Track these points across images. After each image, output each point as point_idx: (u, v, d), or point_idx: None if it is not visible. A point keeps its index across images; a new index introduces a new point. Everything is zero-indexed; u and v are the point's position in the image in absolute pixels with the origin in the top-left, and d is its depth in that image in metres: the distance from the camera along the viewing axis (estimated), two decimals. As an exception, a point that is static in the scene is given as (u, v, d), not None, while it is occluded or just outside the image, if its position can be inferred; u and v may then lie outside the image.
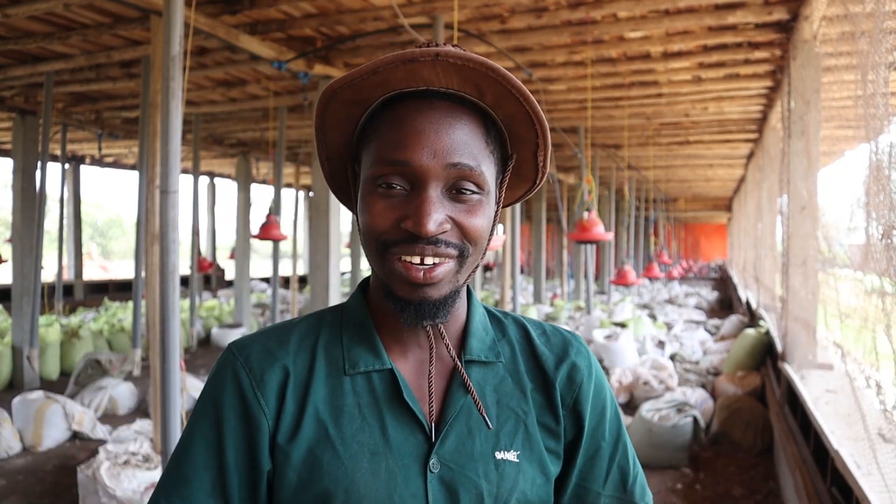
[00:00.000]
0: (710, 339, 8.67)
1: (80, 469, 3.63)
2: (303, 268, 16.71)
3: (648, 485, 0.89)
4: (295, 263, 10.29)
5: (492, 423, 0.77)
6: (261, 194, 36.27)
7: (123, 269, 23.78)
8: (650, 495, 0.88)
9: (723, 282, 20.86)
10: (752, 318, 8.60)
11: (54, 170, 17.38)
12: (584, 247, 9.92)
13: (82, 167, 12.15)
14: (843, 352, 3.10)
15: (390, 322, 0.78)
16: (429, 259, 0.70)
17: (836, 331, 3.54)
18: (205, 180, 14.42)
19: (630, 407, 5.86)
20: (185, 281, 10.98)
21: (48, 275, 9.53)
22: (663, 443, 4.49)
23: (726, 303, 15.23)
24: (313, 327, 0.81)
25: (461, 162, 0.69)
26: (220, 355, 0.79)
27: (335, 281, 5.32)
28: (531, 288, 14.15)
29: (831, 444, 2.77)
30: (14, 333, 6.69)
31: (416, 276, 0.70)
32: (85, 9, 4.47)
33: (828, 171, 4.37)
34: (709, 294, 17.05)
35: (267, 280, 16.55)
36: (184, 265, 7.93)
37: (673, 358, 7.31)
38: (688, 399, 5.37)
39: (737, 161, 11.26)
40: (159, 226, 2.60)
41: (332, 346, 0.78)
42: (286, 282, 15.09)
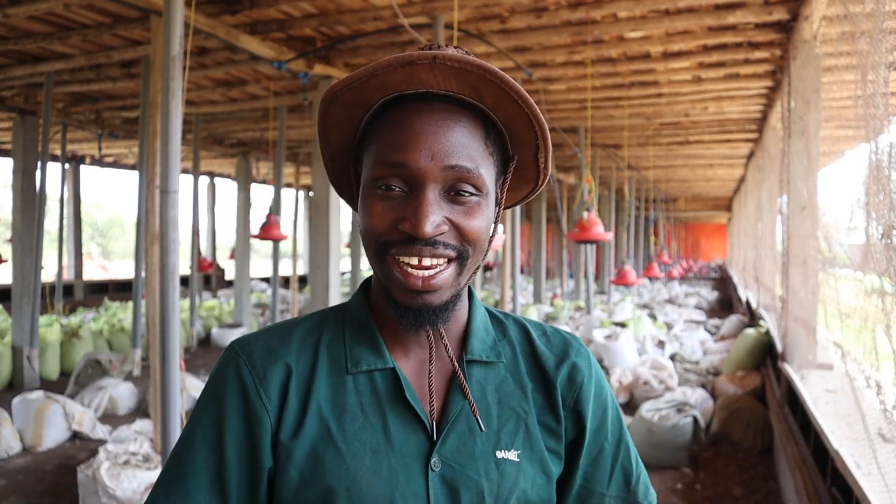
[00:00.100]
0: (710, 339, 8.66)
1: (80, 469, 3.63)
2: (303, 268, 16.71)
3: (650, 482, 0.89)
4: (295, 263, 10.29)
5: (493, 423, 0.78)
6: (261, 194, 36.26)
7: (123, 269, 23.77)
8: (654, 494, 0.88)
9: (723, 282, 20.86)
10: (752, 317, 8.60)
11: (54, 170, 17.38)
12: (584, 247, 9.91)
13: (82, 167, 12.15)
14: (843, 352, 3.10)
15: (392, 322, 0.78)
16: (426, 260, 0.70)
17: (836, 331, 3.54)
18: (205, 180, 14.42)
19: (630, 407, 5.86)
20: (185, 281, 10.98)
21: (48, 275, 9.52)
22: (663, 443, 4.49)
23: (726, 303, 15.23)
24: (316, 326, 0.81)
25: (459, 164, 0.70)
26: (223, 353, 0.79)
27: (335, 281, 5.32)
28: (531, 288, 14.15)
29: (831, 444, 2.77)
30: (14, 333, 6.69)
31: (415, 284, 0.70)
32: (85, 9, 4.48)
33: (828, 171, 4.37)
34: (709, 294, 17.04)
35: (267, 280, 16.55)
36: (184, 265, 7.93)
37: (673, 358, 7.31)
38: (688, 399, 5.37)
39: (737, 161, 11.26)
40: (159, 226, 2.60)
41: (335, 344, 0.79)
42: (286, 282, 15.09)
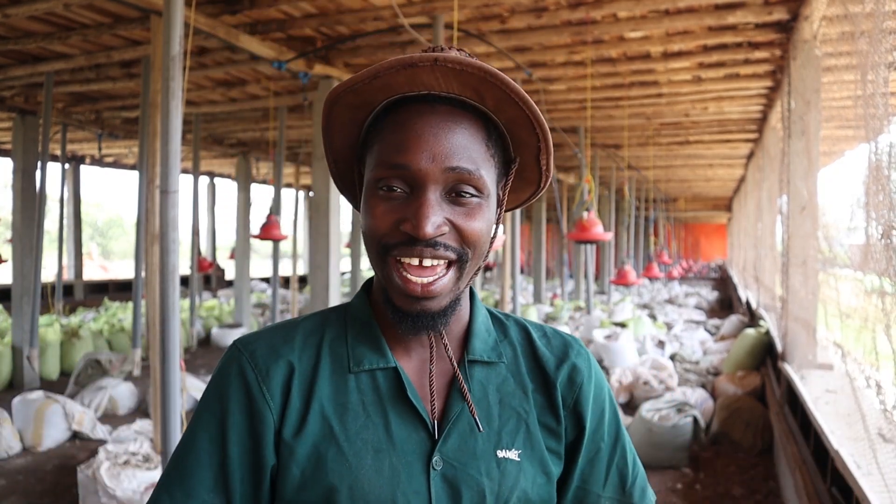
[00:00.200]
0: (710, 339, 8.66)
1: (80, 469, 3.63)
2: (303, 268, 16.71)
3: (648, 484, 0.89)
4: (295, 263, 10.29)
5: (494, 423, 0.78)
6: (261, 194, 36.24)
7: (123, 269, 23.76)
8: (651, 497, 0.88)
9: (723, 282, 20.86)
10: (752, 318, 8.59)
11: (54, 170, 17.37)
12: (584, 247, 9.91)
13: (82, 167, 12.15)
14: (843, 352, 3.10)
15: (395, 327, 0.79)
16: (427, 261, 0.70)
17: (836, 331, 3.54)
18: (205, 180, 14.42)
19: (630, 407, 5.86)
20: (185, 281, 10.98)
21: (48, 275, 9.52)
22: (663, 443, 4.49)
23: (726, 303, 15.22)
24: (318, 325, 0.81)
25: (459, 166, 0.70)
26: (226, 351, 0.80)
27: (335, 281, 5.32)
28: (531, 288, 14.15)
29: (831, 444, 2.77)
30: (14, 333, 6.69)
31: (414, 290, 0.70)
32: (85, 9, 4.48)
33: (828, 171, 4.37)
34: (709, 294, 17.04)
35: (267, 280, 16.55)
36: (184, 265, 7.93)
37: (673, 358, 7.31)
38: (688, 399, 5.37)
39: (737, 161, 11.26)
40: (159, 226, 2.60)
41: (337, 344, 0.79)
42: (286, 282, 15.09)
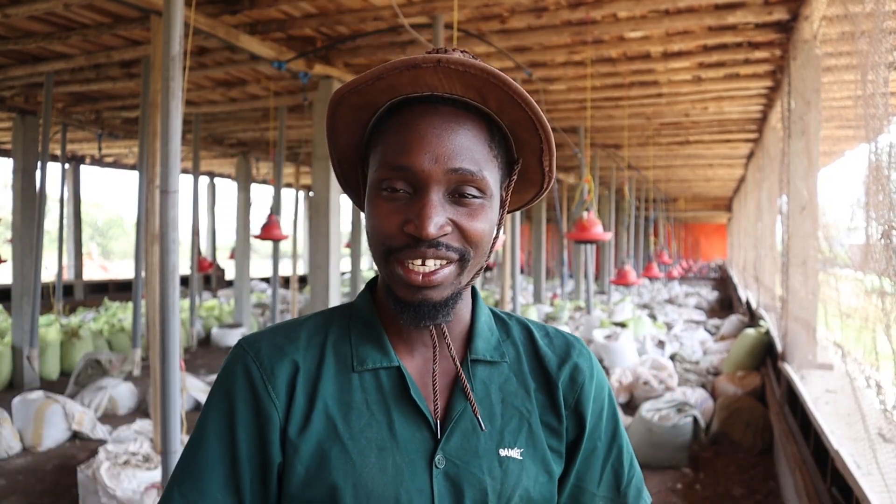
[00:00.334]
0: (710, 339, 8.66)
1: (80, 469, 3.63)
2: (303, 268, 16.71)
3: (648, 485, 0.89)
4: (295, 263, 10.28)
5: (496, 421, 0.79)
6: (261, 194, 36.23)
7: (123, 269, 23.76)
8: (647, 498, 0.88)
9: (723, 282, 20.86)
10: (752, 318, 8.59)
11: (54, 170, 17.38)
12: (584, 247, 9.91)
13: (82, 167, 12.15)
14: (843, 352, 3.10)
15: (397, 321, 0.79)
16: (430, 262, 0.71)
17: (836, 331, 3.54)
18: (205, 180, 14.42)
19: (630, 407, 5.86)
20: (185, 281, 10.98)
21: (48, 275, 9.52)
22: (663, 443, 4.49)
23: (726, 303, 15.22)
24: (322, 325, 0.82)
25: (462, 167, 0.71)
26: (231, 351, 0.80)
27: (335, 281, 5.32)
28: (531, 288, 14.15)
29: (831, 444, 2.77)
30: (14, 333, 6.69)
31: (416, 280, 0.71)
32: (85, 9, 4.48)
33: (828, 171, 4.37)
34: (709, 294, 17.05)
35: (267, 280, 16.55)
36: (184, 265, 7.93)
37: (673, 358, 7.31)
38: (688, 399, 5.37)
39: (737, 161, 11.26)
40: (159, 226, 2.60)
41: (341, 343, 0.80)
42: (286, 282, 15.09)
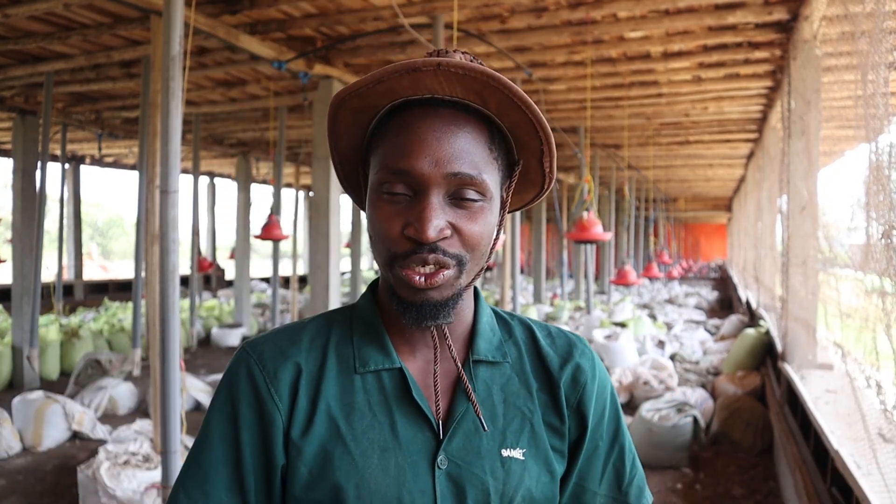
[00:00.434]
0: (710, 338, 8.66)
1: (80, 469, 3.63)
2: (303, 268, 16.70)
3: (649, 485, 0.89)
4: (295, 263, 10.28)
5: (498, 422, 0.79)
6: (261, 194, 36.25)
7: (123, 269, 23.75)
8: (649, 498, 0.88)
9: (723, 282, 20.86)
10: (752, 317, 8.59)
11: (54, 170, 17.36)
12: (584, 247, 9.91)
13: (82, 167, 12.15)
14: (843, 352, 3.10)
15: (399, 322, 0.80)
16: (430, 267, 0.71)
17: (836, 331, 3.54)
18: (205, 180, 14.42)
19: (630, 407, 5.86)
20: (185, 281, 10.97)
21: (48, 275, 9.52)
22: (663, 443, 4.49)
23: (726, 303, 15.22)
24: (324, 327, 0.82)
25: (461, 171, 0.71)
26: (234, 354, 0.81)
27: (335, 281, 5.32)
28: (531, 288, 14.15)
29: (831, 444, 2.77)
30: (14, 333, 6.69)
31: (419, 283, 0.71)
32: (85, 9, 4.47)
33: (828, 171, 4.37)
34: (709, 294, 17.04)
35: (267, 280, 16.54)
36: (184, 265, 7.93)
37: (673, 358, 7.31)
38: (688, 399, 5.37)
39: (737, 161, 11.26)
40: (159, 226, 2.60)
41: (343, 345, 0.80)
42: (286, 282, 15.09)
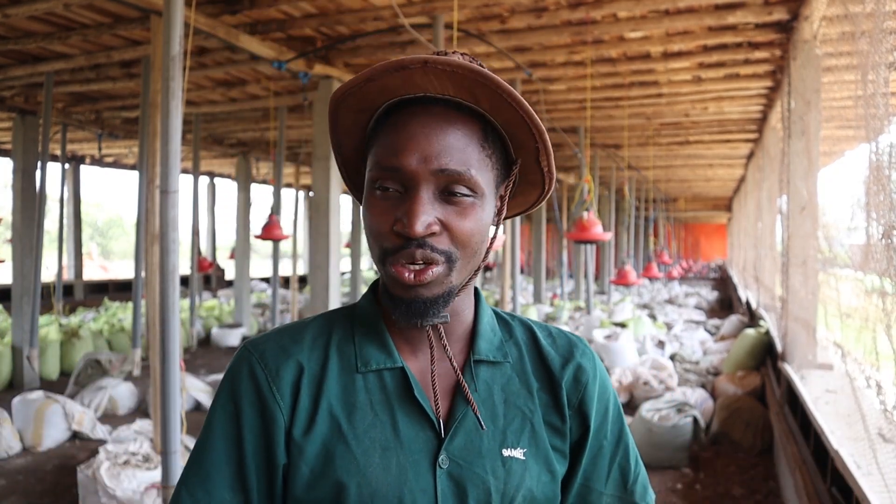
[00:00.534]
0: (710, 339, 8.66)
1: (80, 469, 3.63)
2: (303, 268, 16.70)
3: (649, 483, 0.90)
4: (295, 263, 10.28)
5: (499, 422, 0.79)
6: (261, 194, 36.25)
7: (123, 269, 23.75)
8: (652, 495, 0.89)
9: (723, 282, 20.86)
10: (752, 318, 8.59)
11: (54, 170, 17.36)
12: (584, 247, 9.91)
13: (82, 167, 12.15)
14: (843, 352, 3.10)
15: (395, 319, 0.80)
16: (420, 261, 0.71)
17: (836, 331, 3.54)
18: (205, 180, 14.42)
19: (630, 407, 5.86)
20: (185, 281, 10.97)
21: (48, 275, 9.52)
22: (663, 443, 4.49)
23: (726, 303, 15.22)
24: (326, 326, 0.83)
25: (449, 167, 0.71)
26: (236, 353, 0.81)
27: (335, 281, 5.32)
28: (531, 288, 14.15)
29: (831, 444, 2.77)
30: (14, 333, 6.69)
31: (409, 279, 0.71)
32: (85, 9, 4.47)
33: (828, 171, 4.37)
34: (709, 294, 17.05)
35: (267, 280, 16.55)
36: (184, 265, 7.93)
37: (673, 358, 7.31)
38: (688, 399, 5.37)
39: (737, 161, 11.26)
40: (159, 226, 2.60)
41: (345, 344, 0.80)
42: (286, 282, 15.09)
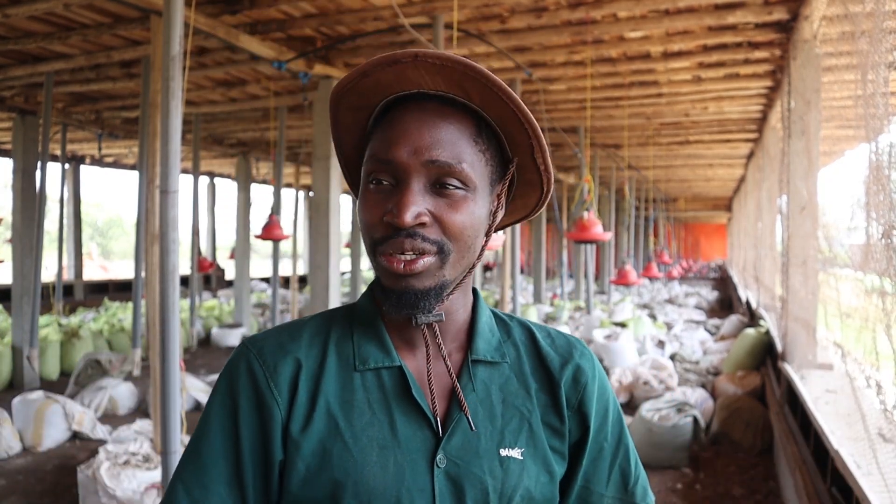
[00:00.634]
0: (710, 338, 8.66)
1: (80, 469, 3.63)
2: (303, 268, 16.70)
3: (649, 485, 0.90)
4: (295, 263, 10.28)
5: (497, 421, 0.79)
6: (261, 194, 36.25)
7: (123, 269, 23.74)
8: (652, 497, 0.89)
9: (723, 282, 20.86)
10: (752, 317, 8.59)
11: (54, 170, 17.34)
12: (584, 247, 9.91)
13: (82, 167, 12.15)
14: (843, 352, 3.10)
15: (399, 320, 0.80)
16: (409, 252, 0.71)
17: (836, 331, 3.54)
18: (205, 180, 14.41)
19: (630, 407, 5.86)
20: (185, 281, 10.96)
21: (48, 275, 9.52)
22: (663, 443, 4.49)
23: (726, 303, 15.22)
24: (324, 324, 0.83)
25: (439, 159, 0.71)
26: (234, 350, 0.81)
27: (335, 281, 5.32)
28: (531, 288, 14.15)
29: (831, 444, 2.77)
30: (14, 333, 6.69)
31: (398, 269, 0.72)
32: (85, 9, 4.47)
33: (828, 171, 4.37)
34: (709, 294, 17.04)
35: (267, 280, 16.54)
36: (184, 265, 7.92)
37: (673, 358, 7.31)
38: (688, 399, 5.37)
39: (737, 161, 11.26)
40: (159, 226, 2.60)
41: (343, 342, 0.80)
42: (286, 282, 15.09)
